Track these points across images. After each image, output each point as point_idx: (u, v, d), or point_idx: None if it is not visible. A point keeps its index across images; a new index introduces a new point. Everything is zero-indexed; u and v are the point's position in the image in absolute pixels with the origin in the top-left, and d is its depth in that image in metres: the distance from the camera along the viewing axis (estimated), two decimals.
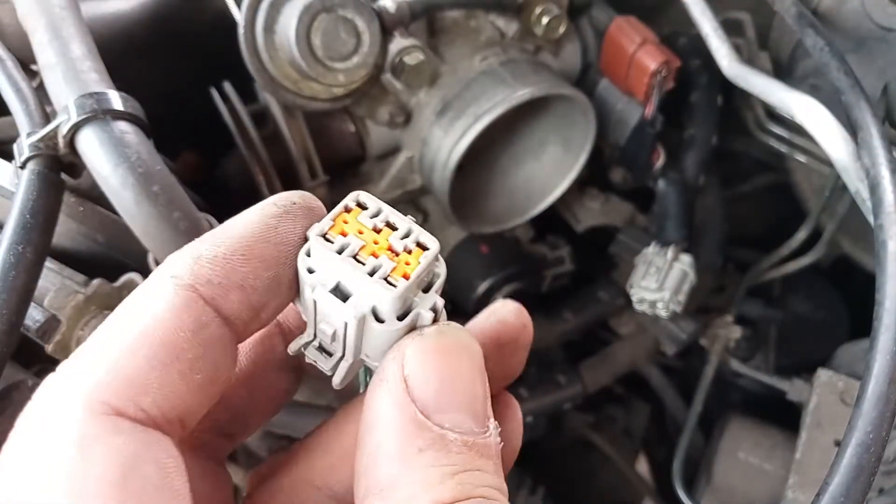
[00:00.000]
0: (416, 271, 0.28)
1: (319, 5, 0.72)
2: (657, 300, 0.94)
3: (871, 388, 0.41)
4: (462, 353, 0.29)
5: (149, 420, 0.26)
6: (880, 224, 0.47)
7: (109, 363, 0.26)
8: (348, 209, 0.30)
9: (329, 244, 0.28)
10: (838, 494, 0.39)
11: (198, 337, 0.27)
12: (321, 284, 0.28)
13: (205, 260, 0.28)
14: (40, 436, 0.25)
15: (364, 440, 0.28)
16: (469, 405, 0.28)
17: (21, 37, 0.61)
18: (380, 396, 0.28)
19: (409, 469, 0.26)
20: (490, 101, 0.81)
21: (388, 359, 0.28)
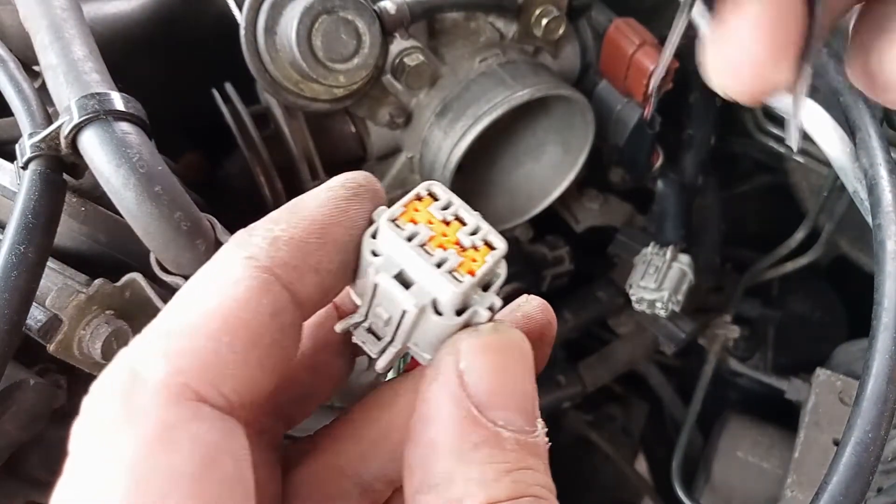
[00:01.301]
0: (481, 269, 0.28)
1: (320, 7, 0.72)
2: (656, 300, 0.94)
3: (871, 388, 0.41)
4: (515, 352, 0.29)
5: (228, 407, 0.25)
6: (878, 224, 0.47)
7: (192, 346, 0.25)
8: (420, 198, 0.30)
9: (399, 230, 0.28)
10: (837, 493, 0.39)
11: (275, 322, 0.26)
12: (385, 269, 0.28)
13: (282, 242, 0.27)
14: (117, 417, 0.23)
15: (418, 433, 0.27)
16: (521, 403, 0.28)
17: (23, 38, 0.61)
18: (435, 390, 0.28)
19: (465, 465, 0.26)
20: (489, 102, 0.81)
21: (443, 353, 0.28)
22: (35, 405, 0.59)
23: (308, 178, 0.82)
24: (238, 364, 0.25)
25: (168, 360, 0.24)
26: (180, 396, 0.24)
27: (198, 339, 0.25)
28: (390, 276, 0.28)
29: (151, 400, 0.23)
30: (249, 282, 0.26)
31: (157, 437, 0.23)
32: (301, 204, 0.29)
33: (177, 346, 0.25)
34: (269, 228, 0.28)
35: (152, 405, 0.23)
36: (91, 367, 0.57)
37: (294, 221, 0.28)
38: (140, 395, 0.23)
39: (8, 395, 0.57)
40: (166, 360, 0.24)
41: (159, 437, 0.23)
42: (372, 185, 0.30)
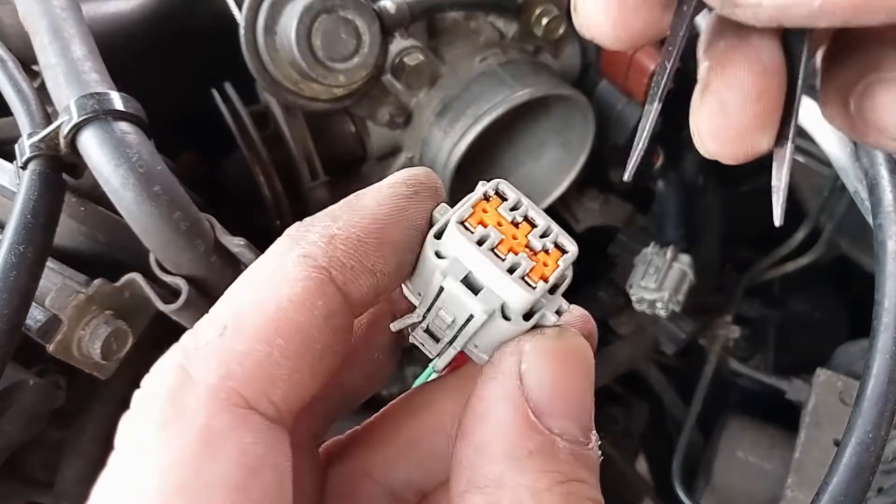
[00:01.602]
0: (554, 274, 0.27)
1: (320, 6, 0.72)
2: (656, 300, 0.94)
3: (871, 387, 0.41)
4: (579, 360, 0.28)
5: (276, 416, 0.24)
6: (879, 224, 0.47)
7: (245, 348, 0.24)
8: (487, 197, 0.28)
9: (468, 233, 0.27)
10: (838, 493, 0.39)
11: (328, 325, 0.25)
12: (452, 273, 0.27)
13: (339, 241, 0.26)
14: (164, 417, 0.23)
15: (471, 431, 0.26)
16: (578, 413, 0.27)
17: (22, 37, 0.61)
18: (493, 389, 0.27)
19: (517, 471, 0.25)
20: (490, 102, 0.81)
21: (505, 353, 0.27)
22: (34, 405, 0.59)
23: (308, 178, 0.82)
24: (290, 370, 0.24)
25: (220, 363, 0.23)
26: (228, 402, 0.23)
27: (251, 341, 0.24)
28: (458, 280, 0.27)
29: (199, 403, 0.23)
30: (305, 282, 0.25)
31: (202, 443, 0.22)
32: (361, 201, 0.28)
33: (230, 347, 0.24)
34: (327, 225, 0.26)
35: (200, 409, 0.23)
36: (90, 368, 0.57)
37: (353, 220, 0.27)
38: (188, 398, 0.23)
39: (7, 395, 0.57)
40: (218, 363, 0.23)
41: (204, 443, 0.22)
42: (433, 183, 0.29)
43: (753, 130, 0.26)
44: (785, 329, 1.15)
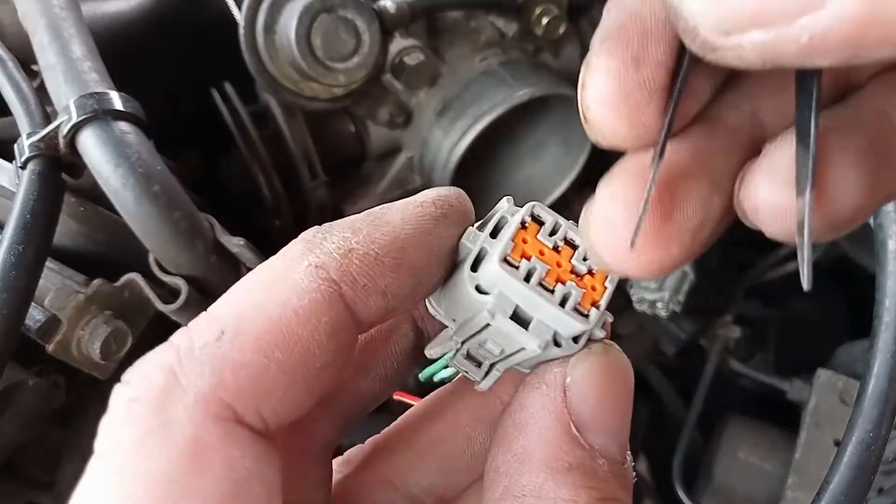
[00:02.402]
0: (604, 298, 0.27)
1: (320, 5, 0.72)
2: (657, 300, 0.94)
3: (872, 387, 0.41)
4: (621, 377, 0.27)
5: (265, 430, 0.23)
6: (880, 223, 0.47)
7: (240, 360, 0.23)
8: (524, 224, 0.27)
9: (514, 269, 0.26)
10: (839, 493, 0.39)
11: (331, 343, 0.24)
12: (499, 310, 0.26)
13: (356, 256, 0.25)
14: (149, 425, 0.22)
15: (510, 440, 0.26)
16: (618, 431, 0.26)
17: (22, 37, 0.61)
18: (536, 399, 0.26)
19: (557, 484, 0.24)
20: (490, 102, 0.81)
21: (550, 364, 0.27)
22: (34, 406, 0.59)
23: (307, 178, 0.82)
24: (285, 385, 0.23)
25: (213, 371, 0.22)
26: (218, 415, 0.22)
27: (249, 352, 0.23)
28: (506, 316, 0.26)
29: (188, 413, 0.22)
30: (314, 295, 0.24)
31: (189, 456, 0.21)
32: (385, 216, 0.26)
33: (225, 355, 0.23)
34: (346, 237, 0.25)
35: (188, 420, 0.22)
36: (90, 368, 0.57)
37: (374, 235, 0.25)
38: (177, 406, 0.22)
39: (7, 395, 0.57)
40: (211, 370, 0.22)
41: (192, 456, 0.21)
42: (463, 207, 0.28)
43: (651, 248, 0.24)
44: (785, 329, 1.15)
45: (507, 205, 0.28)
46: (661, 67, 0.23)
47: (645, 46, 0.23)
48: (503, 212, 0.28)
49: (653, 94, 0.23)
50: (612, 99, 0.23)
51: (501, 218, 0.28)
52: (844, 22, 0.16)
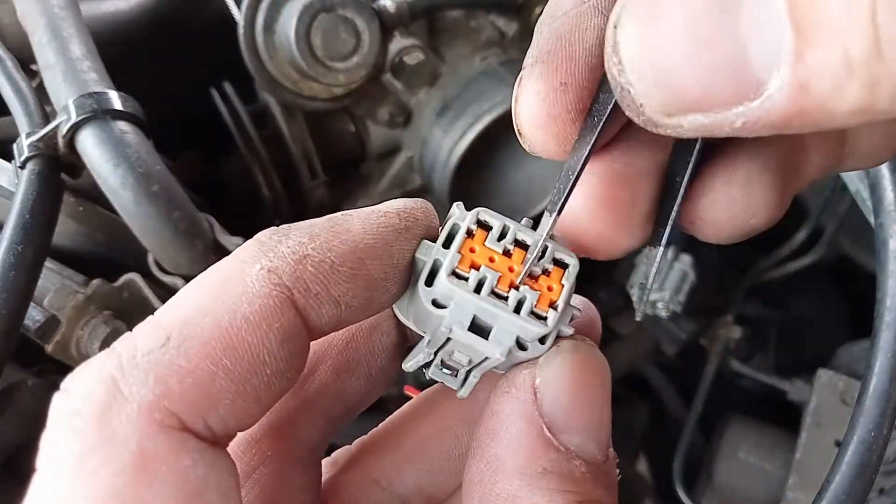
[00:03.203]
0: (562, 297, 0.26)
1: (319, 5, 0.72)
2: (657, 300, 0.94)
3: (873, 386, 0.41)
4: (595, 374, 0.26)
5: (213, 438, 0.23)
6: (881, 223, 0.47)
7: (185, 367, 0.22)
8: (471, 233, 0.26)
9: (463, 283, 0.25)
10: (840, 493, 0.39)
11: (282, 351, 0.23)
12: (456, 322, 0.25)
13: (311, 263, 0.24)
14: (91, 438, 0.21)
15: (483, 447, 0.25)
16: (595, 429, 0.26)
17: (21, 36, 0.61)
18: (506, 404, 0.25)
19: (532, 489, 0.24)
20: (490, 101, 0.80)
21: (520, 367, 0.26)
22: (33, 406, 0.59)
23: (307, 177, 0.82)
24: (233, 394, 0.22)
25: (157, 379, 0.21)
26: (163, 424, 0.21)
27: (196, 358, 0.22)
28: (464, 328, 0.25)
29: (132, 425, 0.21)
30: (265, 300, 0.23)
31: (136, 469, 0.21)
32: (346, 223, 0.25)
33: (170, 362, 0.22)
34: (302, 242, 0.24)
35: (132, 431, 0.21)
36: None
37: (332, 242, 0.25)
38: (120, 418, 0.21)
39: (6, 395, 0.57)
40: (155, 378, 0.21)
41: (138, 469, 0.21)
42: (428, 221, 0.27)
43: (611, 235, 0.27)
44: (786, 329, 1.15)
45: (458, 211, 0.27)
46: (585, 92, 0.25)
47: (572, 72, 0.24)
48: (455, 219, 0.27)
49: (577, 115, 0.25)
50: (541, 120, 0.25)
51: (454, 226, 0.27)
52: (774, 112, 0.18)
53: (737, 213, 0.26)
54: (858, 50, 0.16)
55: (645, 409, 1.21)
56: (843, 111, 0.17)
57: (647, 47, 0.19)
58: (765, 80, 0.18)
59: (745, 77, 0.18)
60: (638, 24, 0.20)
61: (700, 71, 0.19)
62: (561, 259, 0.26)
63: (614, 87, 0.21)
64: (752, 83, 0.18)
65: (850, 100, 0.17)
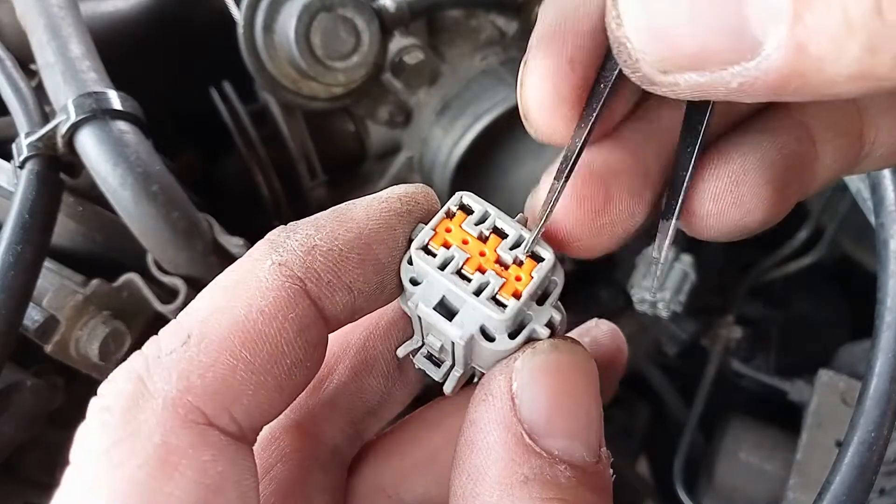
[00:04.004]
0: (527, 289, 0.25)
1: (319, 4, 0.72)
2: (658, 300, 0.94)
3: (874, 387, 0.41)
4: (577, 373, 0.26)
5: (237, 432, 0.23)
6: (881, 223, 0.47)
7: (206, 361, 0.23)
8: (450, 214, 0.27)
9: (430, 258, 0.26)
10: (840, 493, 0.39)
11: (299, 340, 0.24)
12: (424, 300, 0.26)
13: (319, 253, 0.25)
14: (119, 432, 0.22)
15: (463, 459, 0.25)
16: (582, 431, 0.25)
17: (20, 36, 0.61)
18: (483, 413, 0.25)
19: (514, 499, 0.23)
20: (490, 101, 0.80)
21: (494, 372, 0.25)
22: (32, 406, 0.59)
23: (307, 178, 0.82)
24: (255, 385, 0.23)
25: (180, 375, 0.22)
26: (187, 418, 0.22)
27: (215, 352, 0.23)
28: (431, 306, 0.25)
29: (156, 419, 0.22)
30: (278, 293, 0.24)
31: (158, 461, 0.21)
32: (350, 212, 0.26)
33: (192, 358, 0.23)
34: (309, 234, 0.25)
35: (156, 425, 0.22)
36: (88, 368, 0.57)
37: (338, 231, 0.25)
38: (145, 412, 0.22)
39: (5, 396, 0.57)
40: (178, 375, 0.22)
41: (161, 462, 0.21)
42: (429, 204, 0.28)
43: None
44: (787, 329, 1.14)
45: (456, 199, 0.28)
46: (590, 70, 0.24)
47: (579, 49, 0.24)
48: (449, 204, 0.27)
49: (583, 93, 0.25)
50: (549, 101, 0.25)
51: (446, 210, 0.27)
52: (771, 74, 0.18)
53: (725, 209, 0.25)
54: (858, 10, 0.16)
55: (645, 409, 1.21)
56: (843, 75, 0.17)
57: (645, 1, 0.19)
58: (762, 40, 0.17)
59: (742, 36, 0.18)
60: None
61: (697, 27, 0.18)
62: (537, 253, 0.26)
63: (612, 42, 0.21)
64: (750, 42, 0.18)
65: (849, 63, 0.17)
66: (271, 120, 0.82)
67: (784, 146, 0.26)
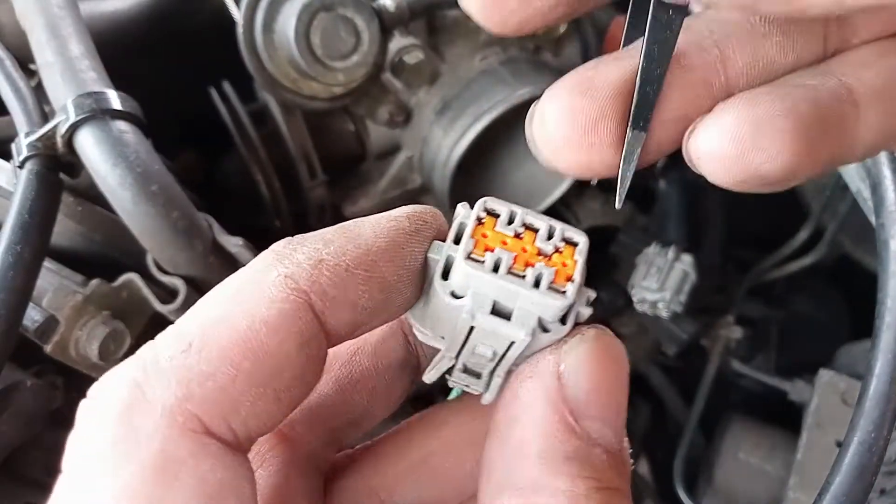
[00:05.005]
0: (577, 271, 0.26)
1: (319, 4, 0.72)
2: (658, 300, 0.93)
3: (873, 387, 0.41)
4: (617, 363, 0.27)
5: (235, 442, 0.23)
6: (882, 223, 0.47)
7: (206, 370, 0.22)
8: (480, 220, 0.27)
9: (480, 264, 0.26)
10: (840, 494, 0.39)
11: (301, 354, 0.24)
12: (478, 309, 0.26)
13: (326, 267, 0.25)
14: (115, 439, 0.22)
15: (504, 432, 0.26)
16: (614, 418, 0.26)
17: (19, 36, 0.61)
18: (530, 388, 0.26)
19: (555, 475, 0.24)
20: (490, 101, 0.80)
21: (543, 353, 0.26)
22: (32, 406, 0.59)
23: (306, 177, 0.82)
24: (254, 396, 0.23)
25: (179, 383, 0.22)
26: (185, 427, 0.22)
27: (216, 362, 0.23)
28: (487, 313, 0.26)
29: (154, 426, 0.22)
30: (283, 305, 0.24)
31: (156, 470, 0.21)
32: (358, 229, 0.26)
33: (192, 367, 0.22)
34: (317, 248, 0.25)
35: (155, 433, 0.22)
36: (88, 368, 0.57)
37: (346, 247, 0.25)
38: (143, 419, 0.22)
39: (5, 396, 0.57)
40: (178, 382, 0.22)
41: (159, 470, 0.21)
42: (438, 225, 0.28)
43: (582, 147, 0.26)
44: (787, 329, 1.14)
45: (463, 210, 0.28)
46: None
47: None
48: (461, 217, 0.27)
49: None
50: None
51: (461, 224, 0.27)
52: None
53: (745, 152, 0.25)
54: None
55: (645, 409, 1.21)
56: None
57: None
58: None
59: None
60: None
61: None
62: (570, 238, 0.27)
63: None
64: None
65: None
66: (271, 120, 0.82)
67: (818, 100, 0.25)
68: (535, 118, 0.26)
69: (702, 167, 0.26)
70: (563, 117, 0.26)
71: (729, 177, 0.25)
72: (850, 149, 0.26)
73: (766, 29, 0.26)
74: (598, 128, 0.26)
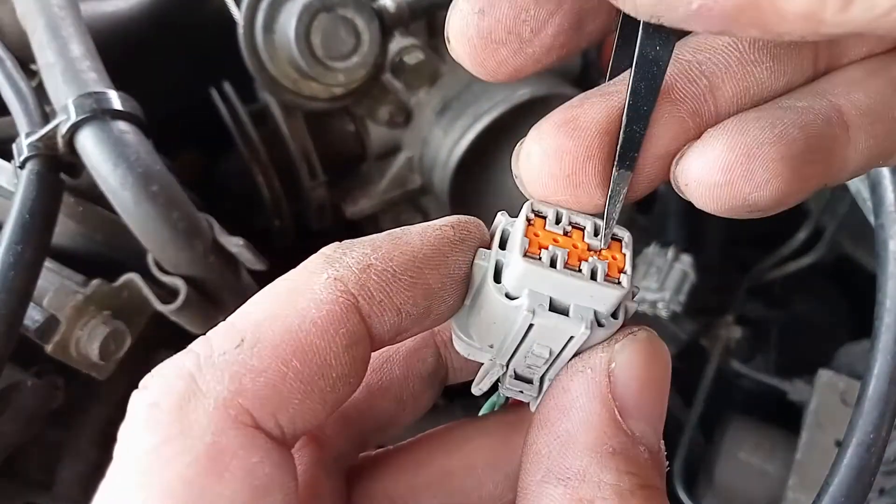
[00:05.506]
0: (628, 263, 0.27)
1: (319, 4, 0.72)
2: (658, 300, 0.94)
3: (872, 388, 0.41)
4: (664, 366, 0.27)
5: (282, 437, 0.24)
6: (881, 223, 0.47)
7: (258, 366, 0.23)
8: (531, 221, 0.28)
9: (538, 261, 0.26)
10: (839, 494, 0.39)
11: (346, 355, 0.25)
12: (538, 306, 0.26)
13: (374, 272, 0.25)
14: (169, 429, 0.22)
15: (553, 423, 0.26)
16: (656, 419, 0.27)
17: (20, 36, 0.61)
18: (581, 383, 0.26)
19: (602, 468, 0.25)
20: (490, 101, 0.80)
21: (595, 349, 0.27)
22: (33, 406, 0.59)
23: (307, 178, 0.82)
24: (302, 394, 0.24)
25: (232, 377, 0.23)
26: (237, 420, 0.23)
27: (268, 359, 0.23)
28: (545, 309, 0.26)
29: (207, 419, 0.22)
30: (332, 306, 0.24)
31: (208, 461, 0.22)
32: (405, 236, 0.27)
33: (244, 362, 0.23)
34: (366, 253, 0.26)
35: (208, 425, 0.22)
36: (88, 368, 0.57)
37: (393, 253, 0.26)
38: (196, 411, 0.22)
39: (5, 396, 0.57)
40: (231, 377, 0.23)
41: (211, 461, 0.22)
42: (481, 235, 0.29)
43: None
44: (787, 330, 1.15)
45: (504, 218, 0.29)
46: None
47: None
48: (503, 225, 0.28)
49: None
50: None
51: (504, 230, 0.28)
52: (730, 1, 0.18)
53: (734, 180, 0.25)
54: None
55: None
56: (792, 12, 0.18)
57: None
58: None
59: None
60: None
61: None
62: (615, 233, 0.28)
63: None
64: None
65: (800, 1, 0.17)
66: (271, 120, 0.82)
67: (808, 125, 0.26)
68: (521, 157, 0.27)
69: (690, 194, 0.26)
70: (549, 157, 0.26)
71: (718, 205, 0.26)
72: (839, 171, 0.27)
73: (755, 56, 0.26)
74: (585, 168, 0.26)
